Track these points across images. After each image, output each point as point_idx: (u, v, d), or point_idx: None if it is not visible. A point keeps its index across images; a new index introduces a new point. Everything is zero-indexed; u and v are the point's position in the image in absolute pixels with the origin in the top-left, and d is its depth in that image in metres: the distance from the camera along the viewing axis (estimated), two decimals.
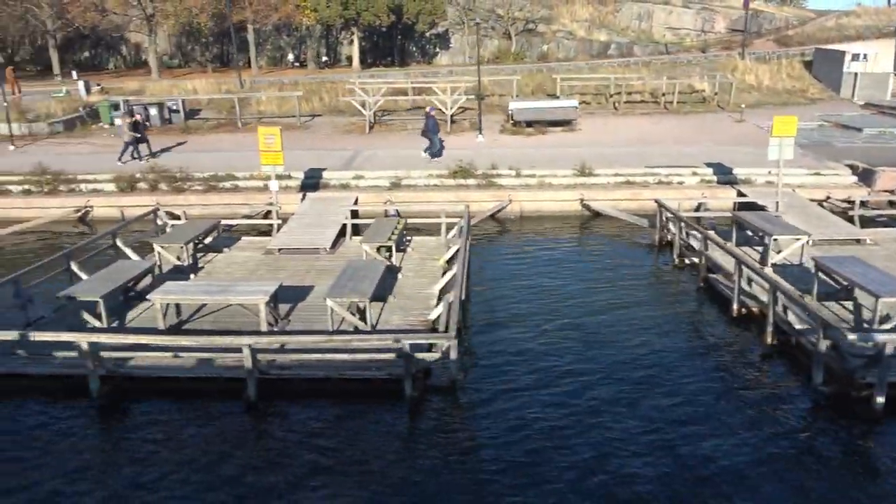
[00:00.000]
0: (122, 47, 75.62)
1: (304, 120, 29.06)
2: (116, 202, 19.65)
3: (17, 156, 24.09)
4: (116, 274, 11.75)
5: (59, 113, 29.27)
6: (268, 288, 10.86)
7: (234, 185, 20.02)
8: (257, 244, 16.15)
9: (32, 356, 10.10)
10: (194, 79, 39.52)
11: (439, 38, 56.46)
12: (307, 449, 8.53)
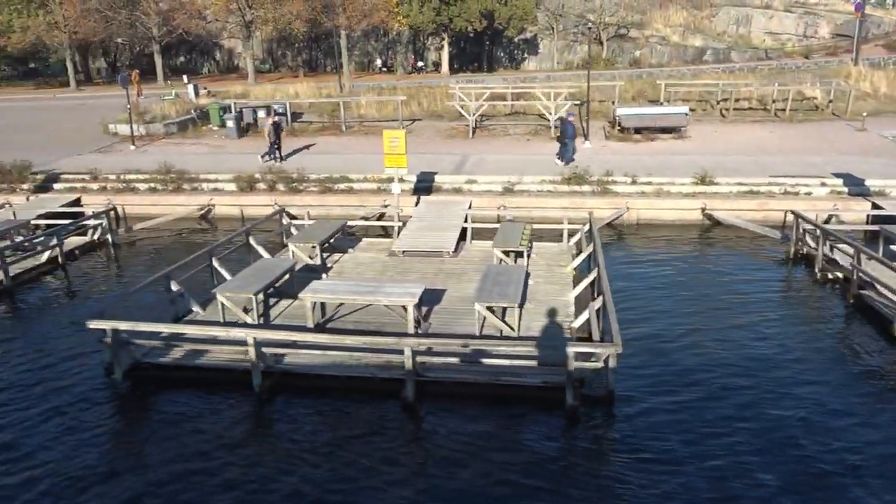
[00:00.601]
0: (215, 53, 78.95)
1: (405, 124, 29.33)
2: (236, 201, 20.33)
3: (139, 155, 25.33)
4: (264, 272, 12.05)
5: (172, 115, 30.65)
6: (415, 290, 10.88)
7: (348, 186, 20.35)
8: (379, 245, 16.34)
9: (194, 349, 10.45)
10: (294, 83, 40.52)
11: (527, 43, 56.19)
12: (470, 454, 8.44)
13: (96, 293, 14.56)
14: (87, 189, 21.45)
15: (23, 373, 10.84)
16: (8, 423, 9.43)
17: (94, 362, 10.91)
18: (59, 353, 11.49)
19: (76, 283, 15.47)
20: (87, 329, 10.17)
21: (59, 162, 24.07)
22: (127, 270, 16.39)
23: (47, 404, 9.84)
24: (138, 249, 17.96)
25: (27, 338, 12.25)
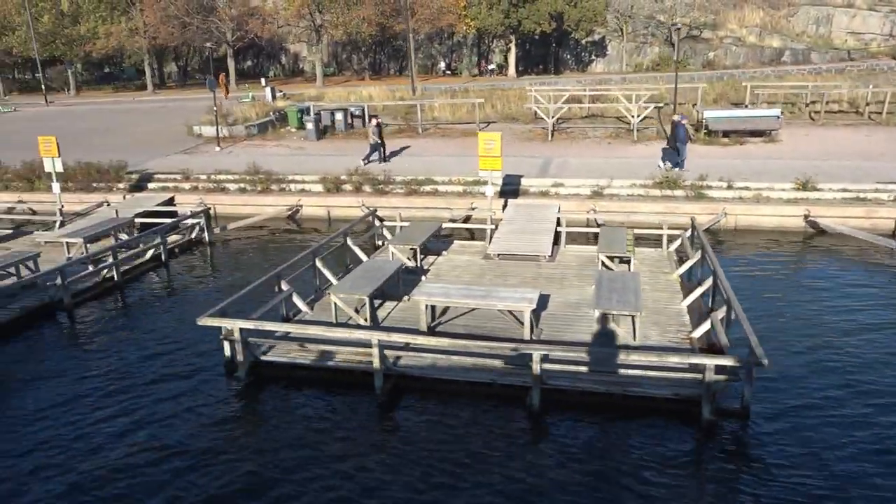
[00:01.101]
0: (281, 56, 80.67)
1: (481, 126, 29.22)
2: (323, 202, 20.56)
3: (224, 156, 25.95)
4: (373, 273, 12.07)
5: (253, 117, 31.33)
6: (531, 295, 10.70)
7: (433, 189, 20.32)
8: (471, 248, 16.22)
9: (313, 349, 10.51)
10: (363, 85, 40.93)
11: (595, 45, 55.38)
12: (605, 469, 8.19)
13: (202, 290, 14.89)
14: (179, 189, 22.08)
15: (143, 367, 11.11)
16: (137, 410, 9.68)
17: (213, 358, 11.12)
18: (177, 348, 11.77)
19: (179, 280, 15.87)
20: (205, 326, 10.37)
21: (149, 162, 24.88)
22: (224, 269, 16.72)
23: (169, 398, 10.05)
24: (232, 248, 18.33)
25: (142, 332, 12.57)
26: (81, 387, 10.52)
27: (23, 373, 11.08)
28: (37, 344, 12.26)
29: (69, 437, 9.13)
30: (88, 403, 10.00)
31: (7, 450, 8.90)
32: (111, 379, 10.73)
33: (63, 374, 10.94)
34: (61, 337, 12.70)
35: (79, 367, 11.22)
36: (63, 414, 9.71)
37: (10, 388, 10.60)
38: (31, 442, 9.06)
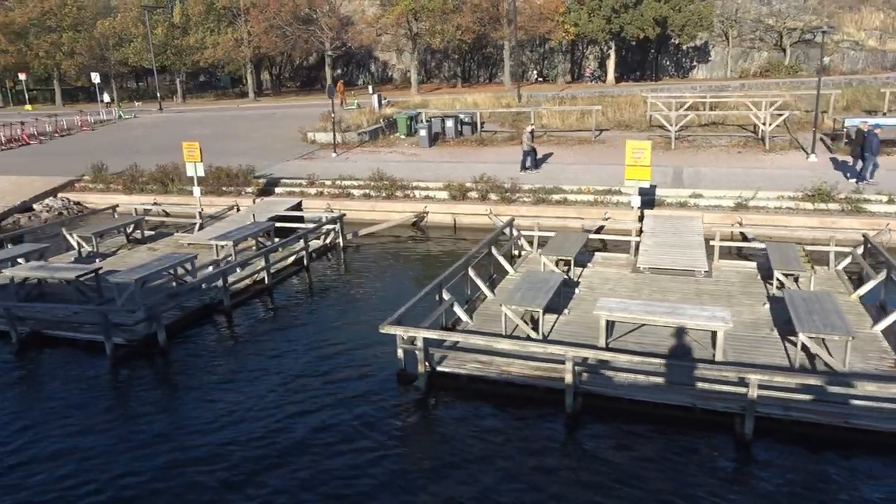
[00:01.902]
0: (370, 64, 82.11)
1: (595, 134, 28.54)
2: (450, 209, 20.44)
3: (341, 162, 26.30)
4: (539, 284, 11.71)
5: (364, 124, 31.73)
6: (722, 314, 10.05)
7: (563, 198, 19.84)
8: (616, 260, 15.62)
9: (492, 361, 10.23)
10: (462, 93, 40.85)
11: (697, 50, 53.52)
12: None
13: (347, 295, 14.94)
14: (305, 193, 22.47)
15: (311, 372, 11.11)
16: (312, 414, 9.64)
17: (378, 364, 11.05)
18: (339, 352, 11.76)
19: (322, 284, 16.03)
20: (364, 331, 10.28)
21: (272, 167, 25.51)
22: (362, 274, 16.73)
23: (344, 406, 9.96)
24: (364, 254, 18.39)
25: (303, 336, 12.64)
26: (253, 390, 10.59)
27: (195, 374, 11.30)
28: (204, 345, 12.52)
29: (247, 441, 9.15)
30: (260, 408, 10.04)
31: (194, 456, 9.01)
32: (281, 384, 10.76)
33: (234, 378, 11.08)
34: (227, 339, 12.93)
35: (247, 370, 11.33)
36: (239, 419, 9.78)
37: (187, 389, 10.82)
38: (212, 446, 9.12)
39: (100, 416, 10.02)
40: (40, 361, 12.02)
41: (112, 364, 11.59)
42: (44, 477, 8.57)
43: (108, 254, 17.89)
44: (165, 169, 24.32)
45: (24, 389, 11.07)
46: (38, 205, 24.25)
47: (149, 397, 10.62)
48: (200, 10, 56.34)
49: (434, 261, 17.46)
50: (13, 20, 61.18)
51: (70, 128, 39.93)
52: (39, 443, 9.33)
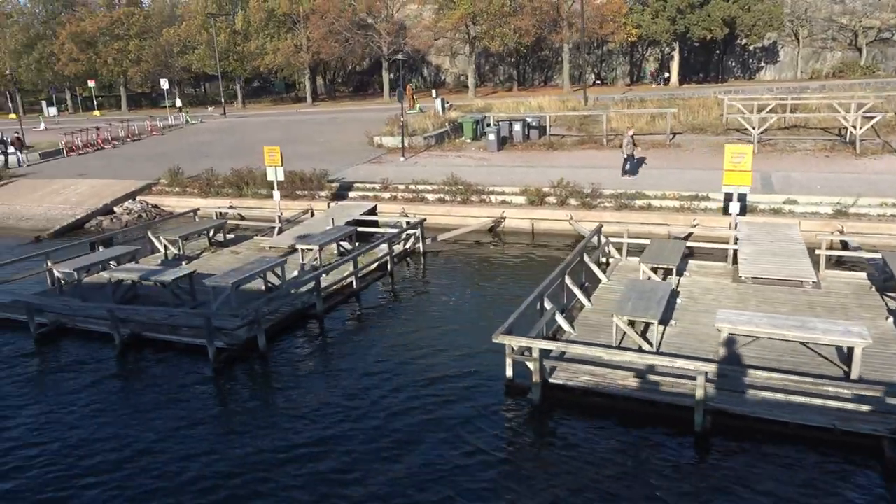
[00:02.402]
0: (423, 69, 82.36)
1: (669, 138, 27.76)
2: (528, 214, 20.06)
3: (411, 166, 26.19)
4: (648, 294, 11.26)
5: (430, 128, 31.63)
6: (857, 329, 9.44)
7: (646, 203, 19.25)
8: (713, 269, 14.96)
9: (603, 374, 9.84)
10: (535, 96, 40.39)
11: (764, 51, 51.93)
12: None
13: (435, 301, 14.72)
14: (379, 198, 22.42)
15: (413, 379, 10.89)
16: (402, 413, 9.43)
17: (480, 374, 10.80)
18: (441, 362, 11.51)
19: (408, 289, 15.88)
20: (464, 341, 10.05)
21: (342, 171, 25.56)
22: (444, 279, 16.50)
23: (452, 417, 9.71)
24: (443, 259, 18.15)
25: (401, 343, 12.43)
26: (356, 393, 10.45)
27: (297, 378, 11.22)
28: (302, 349, 12.46)
29: (354, 439, 8.98)
30: (363, 410, 9.88)
31: (303, 453, 8.87)
32: (386, 388, 10.58)
33: (336, 381, 10.96)
34: (323, 343, 12.85)
35: (348, 373, 11.20)
36: (344, 419, 9.62)
37: (289, 392, 10.72)
38: (320, 445, 8.98)
39: (208, 417, 10.01)
40: (142, 363, 12.12)
41: (215, 368, 11.60)
42: (152, 479, 8.57)
43: (193, 256, 18.11)
44: (240, 173, 24.61)
45: (130, 391, 11.16)
46: (119, 207, 24.85)
47: (254, 401, 10.58)
48: (262, 17, 57.34)
49: (517, 267, 17.15)
50: (84, 30, 63.47)
51: (140, 132, 41.03)
52: (146, 441, 9.35)
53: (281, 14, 57.40)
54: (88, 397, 10.89)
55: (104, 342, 12.86)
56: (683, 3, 44.26)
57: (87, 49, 64.77)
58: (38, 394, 11.13)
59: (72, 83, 72.92)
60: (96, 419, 10.18)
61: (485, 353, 11.39)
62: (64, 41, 63.73)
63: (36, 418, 10.27)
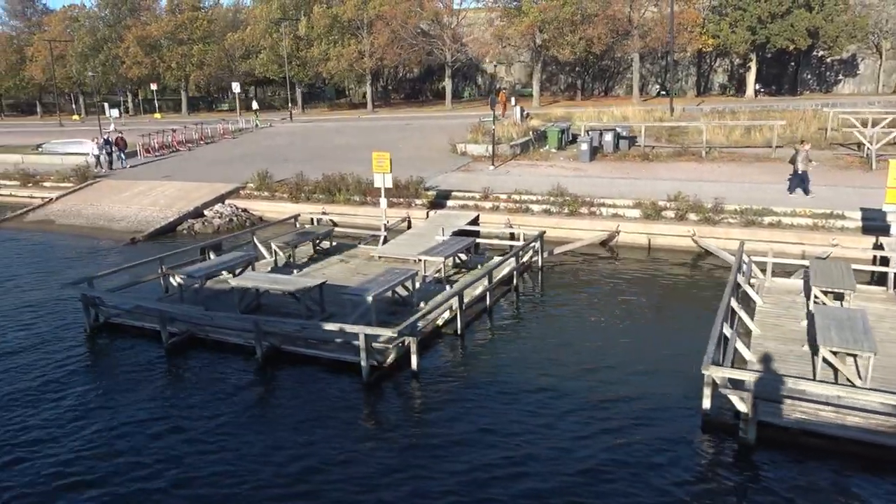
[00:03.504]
0: (477, 77, 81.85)
1: (773, 152, 26.50)
2: (645, 229, 19.12)
3: (503, 175, 25.43)
4: (846, 322, 10.23)
5: (514, 136, 30.87)
6: None
7: (776, 220, 18.14)
8: (874, 294, 13.83)
9: (814, 410, 8.87)
10: (621, 105, 39.32)
11: (843, 63, 50.04)
12: None
13: (566, 318, 13.86)
14: (479, 207, 21.69)
15: (574, 395, 10.06)
16: (581, 441, 8.56)
17: (653, 395, 9.91)
18: (599, 381, 10.69)
19: (539, 305, 15.13)
20: (625, 361, 9.12)
21: (433, 179, 24.91)
22: (573, 295, 15.62)
23: (643, 448, 8.89)
24: (564, 274, 17.29)
25: (544, 358, 11.61)
26: (522, 414, 9.67)
27: (456, 397, 10.46)
28: (453, 366, 11.72)
29: (533, 462, 8.17)
30: (533, 430, 9.07)
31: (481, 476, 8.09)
32: (552, 418, 9.75)
33: (495, 399, 10.17)
34: (472, 359, 12.06)
35: (507, 392, 10.40)
36: (521, 442, 8.82)
37: (451, 412, 9.95)
38: (493, 466, 8.20)
39: (371, 438, 9.31)
40: (283, 378, 11.50)
41: (366, 385, 10.91)
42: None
43: (302, 264, 17.59)
44: (331, 178, 24.15)
45: (280, 406, 10.51)
46: (209, 211, 24.58)
47: (414, 424, 9.82)
48: (325, 23, 57.42)
49: (645, 283, 16.20)
50: (149, 34, 64.45)
51: (213, 135, 41.14)
52: (300, 463, 8.67)
53: (345, 20, 57.40)
54: (238, 411, 10.31)
55: (239, 354, 12.32)
56: (764, 12, 42.80)
57: (151, 52, 65.79)
58: (188, 406, 10.56)
59: (133, 86, 74.26)
60: (256, 432, 9.57)
61: (649, 376, 10.72)
62: (129, 44, 64.84)
63: (194, 430, 9.70)
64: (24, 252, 21.42)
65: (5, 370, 12.01)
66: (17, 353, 12.79)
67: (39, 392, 11.10)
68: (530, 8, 48.23)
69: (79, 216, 25.70)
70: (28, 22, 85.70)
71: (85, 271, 17.93)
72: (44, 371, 11.90)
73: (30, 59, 73.47)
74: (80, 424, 10.00)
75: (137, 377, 11.68)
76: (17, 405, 10.66)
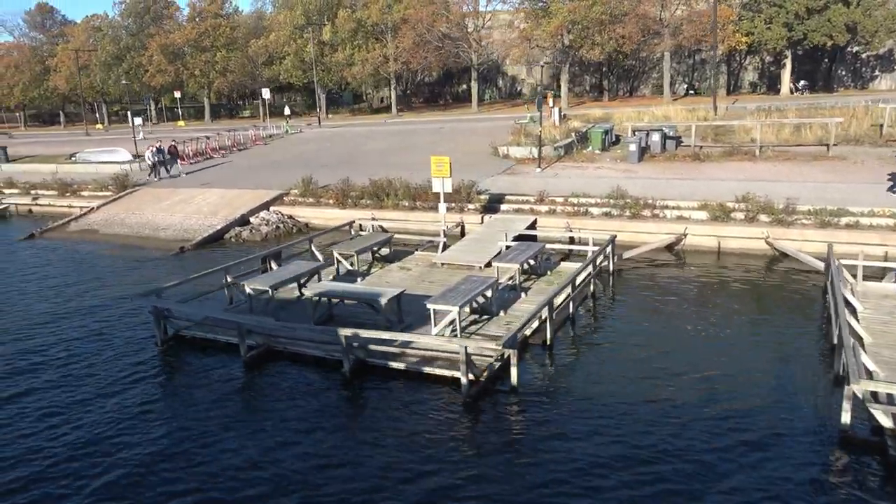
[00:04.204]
0: (498, 80, 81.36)
1: (829, 150, 25.76)
2: (714, 232, 18.49)
3: (552, 178, 24.85)
4: None
5: (557, 138, 30.31)
6: None
7: (853, 221, 17.45)
8: None
9: None
10: (651, 104, 38.74)
11: (879, 59, 49.05)
12: None
13: (659, 331, 13.27)
14: (535, 211, 21.14)
15: (683, 403, 9.48)
16: (706, 455, 7.97)
17: (773, 408, 9.32)
18: (701, 388, 10.09)
19: (616, 312, 14.51)
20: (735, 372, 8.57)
21: (481, 183, 24.31)
22: (649, 300, 15.02)
23: (752, 455, 8.34)
24: (636, 279, 16.69)
25: (647, 369, 11.06)
26: (649, 434, 9.09)
27: (566, 417, 9.91)
28: (546, 382, 11.17)
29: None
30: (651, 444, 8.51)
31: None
32: (669, 433, 9.17)
33: (611, 425, 9.60)
34: (569, 375, 11.50)
35: (615, 413, 9.84)
36: (639, 460, 8.27)
37: (559, 429, 9.42)
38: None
39: (487, 458, 8.77)
40: (377, 395, 10.98)
41: (465, 402, 10.37)
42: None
43: (364, 272, 17.13)
44: (379, 183, 23.70)
45: (376, 422, 10.00)
46: (255, 218, 24.20)
47: (532, 447, 9.25)
48: (350, 28, 57.12)
49: (729, 288, 15.61)
50: (173, 42, 64.50)
51: (244, 142, 40.88)
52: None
53: (370, 24, 57.10)
54: (338, 426, 9.84)
55: (321, 367, 11.85)
56: (801, 8, 41.99)
57: (174, 60, 65.84)
58: (282, 420, 10.08)
59: (156, 94, 74.37)
60: (370, 447, 9.07)
61: (764, 385, 10.29)
62: (153, 52, 64.92)
63: (300, 446, 9.22)
64: (75, 261, 21.13)
65: (82, 384, 11.61)
66: (91, 366, 12.40)
67: (122, 411, 10.67)
68: (559, 9, 47.64)
69: (122, 225, 25.43)
70: (49, 33, 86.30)
71: (140, 281, 17.69)
72: (122, 386, 11.50)
73: (54, 70, 73.81)
74: (178, 450, 9.53)
75: (219, 389, 11.25)
76: (102, 429, 10.23)
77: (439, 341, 10.83)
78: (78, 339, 13.79)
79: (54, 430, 10.09)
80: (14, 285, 18.48)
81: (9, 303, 16.81)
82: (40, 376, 12.06)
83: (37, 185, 32.55)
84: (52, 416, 10.52)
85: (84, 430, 10.02)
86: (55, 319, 15.13)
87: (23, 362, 12.76)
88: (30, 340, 13.89)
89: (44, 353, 13.18)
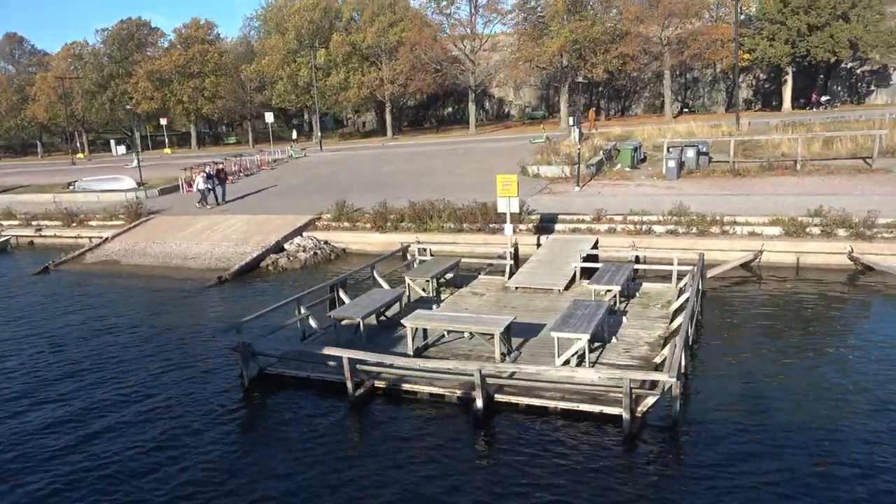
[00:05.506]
0: (485, 102, 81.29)
1: (871, 162, 25.56)
2: (792, 248, 17.88)
3: (594, 196, 24.15)
4: None
5: (587, 156, 29.69)
6: None
7: None
8: None
9: None
10: (685, 122, 38.41)
11: (874, 74, 49.90)
12: None
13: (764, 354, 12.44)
14: (593, 230, 20.32)
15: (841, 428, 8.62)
16: None
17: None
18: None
19: (725, 333, 13.63)
20: None
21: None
22: (750, 322, 14.19)
23: None
24: (728, 299, 15.87)
25: (785, 393, 10.19)
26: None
27: (733, 454, 8.95)
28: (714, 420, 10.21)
29: None
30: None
31: None
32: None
33: (802, 446, 8.69)
34: (702, 405, 10.54)
35: (775, 443, 8.92)
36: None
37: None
38: None
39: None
40: (522, 438, 9.86)
41: (626, 439, 9.33)
42: None
43: (440, 299, 16.04)
44: (420, 205, 22.70)
45: (544, 477, 8.89)
46: (290, 245, 22.96)
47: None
48: (345, 51, 56.38)
49: (831, 305, 14.94)
50: (160, 68, 63.01)
51: (250, 167, 39.57)
52: None
53: (365, 47, 56.44)
54: (486, 479, 8.71)
55: (436, 406, 10.71)
56: (803, 25, 42.49)
57: (161, 87, 64.26)
58: (411, 466, 8.91)
59: (141, 122, 72.48)
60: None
61: None
62: (139, 79, 63.29)
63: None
64: (109, 294, 19.66)
65: (168, 436, 10.27)
66: (177, 416, 11.04)
67: (225, 475, 9.39)
68: (560, 29, 47.58)
69: (145, 255, 23.93)
70: (18, 64, 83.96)
71: (197, 313, 16.40)
72: (218, 444, 10.13)
73: (32, 99, 71.54)
74: None
75: (331, 440, 10.01)
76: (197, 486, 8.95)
77: (597, 374, 9.80)
78: (155, 384, 12.42)
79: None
80: (57, 318, 17.09)
81: (68, 337, 15.45)
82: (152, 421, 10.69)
83: (38, 216, 30.81)
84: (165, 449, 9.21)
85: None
86: (133, 356, 13.88)
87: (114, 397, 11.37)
88: (122, 378, 12.56)
89: (140, 393, 11.83)
